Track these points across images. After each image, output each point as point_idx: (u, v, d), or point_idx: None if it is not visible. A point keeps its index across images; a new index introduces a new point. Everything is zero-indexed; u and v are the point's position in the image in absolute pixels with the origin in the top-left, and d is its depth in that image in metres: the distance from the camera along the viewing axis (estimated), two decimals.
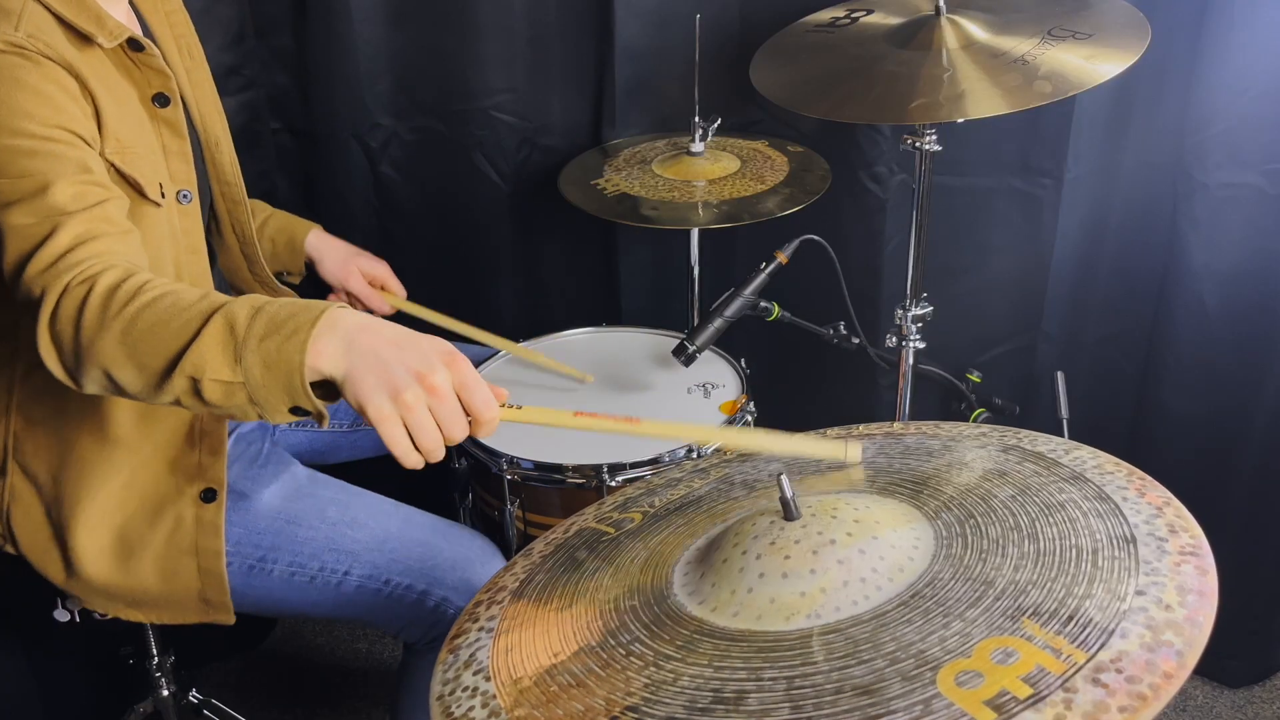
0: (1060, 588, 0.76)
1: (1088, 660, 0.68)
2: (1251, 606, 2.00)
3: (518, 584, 0.97)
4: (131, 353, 1.06)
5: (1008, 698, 0.67)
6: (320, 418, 1.04)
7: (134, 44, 1.28)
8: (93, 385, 1.10)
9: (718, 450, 1.54)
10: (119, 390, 1.09)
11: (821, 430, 1.13)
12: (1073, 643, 0.70)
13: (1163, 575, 0.75)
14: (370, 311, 1.73)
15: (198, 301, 1.06)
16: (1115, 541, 0.80)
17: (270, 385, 1.02)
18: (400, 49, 2.02)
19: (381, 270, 1.75)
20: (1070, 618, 0.72)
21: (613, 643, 0.83)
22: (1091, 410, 2.00)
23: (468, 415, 1.01)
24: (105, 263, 1.10)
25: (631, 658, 0.80)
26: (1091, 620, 0.71)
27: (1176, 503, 0.84)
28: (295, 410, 1.04)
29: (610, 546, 0.99)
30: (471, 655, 0.87)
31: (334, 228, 2.15)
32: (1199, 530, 0.80)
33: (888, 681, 0.70)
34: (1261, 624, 2.03)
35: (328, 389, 1.04)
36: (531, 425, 1.07)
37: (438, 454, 1.01)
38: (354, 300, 1.74)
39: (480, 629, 0.91)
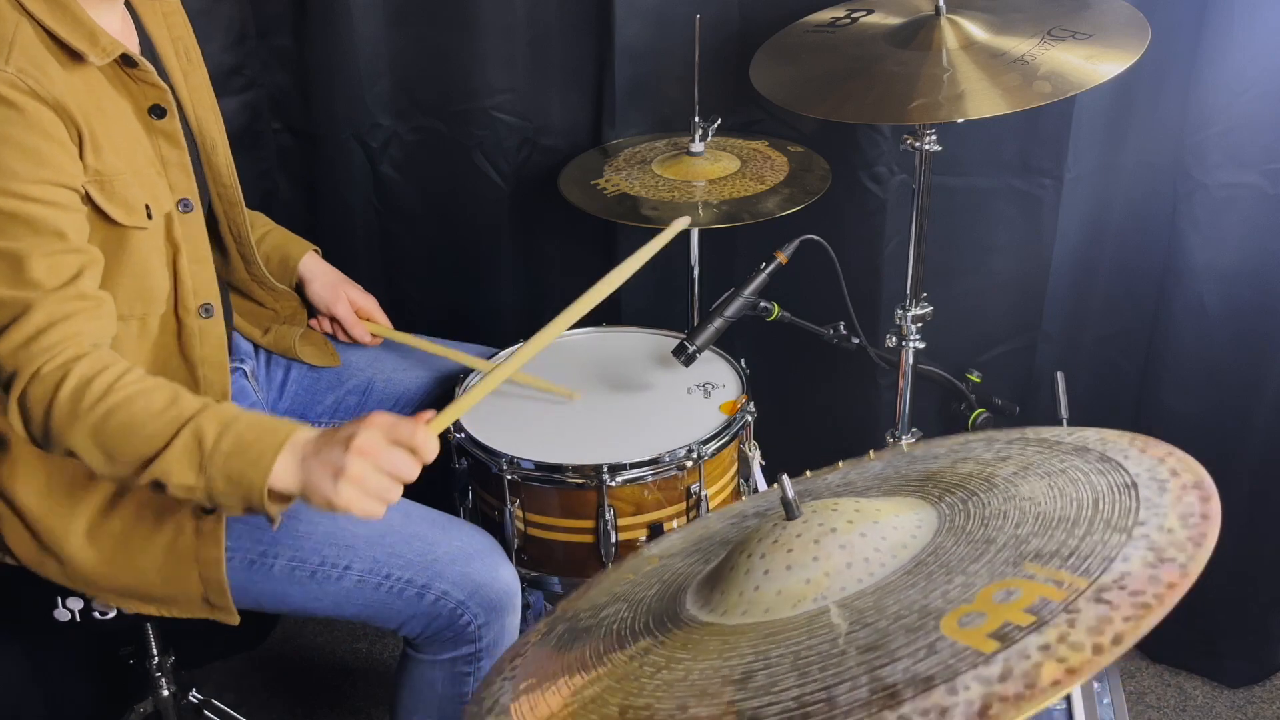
0: (1061, 532, 0.75)
1: (1090, 585, 0.67)
2: (1251, 607, 2.00)
3: (539, 638, 0.97)
4: (102, 446, 1.16)
5: (1010, 628, 0.66)
6: (273, 521, 1.19)
7: (127, 60, 1.28)
8: (58, 454, 1.20)
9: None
10: (84, 464, 1.19)
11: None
12: (1074, 573, 0.69)
13: (1164, 508, 0.74)
14: (352, 340, 1.73)
15: (168, 407, 1.17)
16: (1116, 489, 0.79)
17: (231, 495, 1.16)
18: (400, 49, 2.02)
19: (369, 303, 1.74)
20: (1071, 553, 0.71)
21: (624, 657, 0.83)
22: (1091, 410, 2.00)
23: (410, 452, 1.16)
24: (78, 348, 1.17)
25: (645, 666, 0.80)
26: (1093, 552, 0.71)
27: (1179, 452, 0.82)
28: (249, 511, 1.18)
29: (630, 587, 0.99)
30: (496, 702, 0.87)
31: (334, 228, 2.17)
32: (1201, 469, 0.78)
33: (891, 637, 0.70)
34: (1261, 624, 2.03)
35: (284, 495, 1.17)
36: (461, 415, 1.30)
37: (396, 497, 1.18)
38: (337, 326, 1.72)
39: (504, 679, 0.91)
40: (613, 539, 1.52)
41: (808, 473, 1.11)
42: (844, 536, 0.83)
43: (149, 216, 1.30)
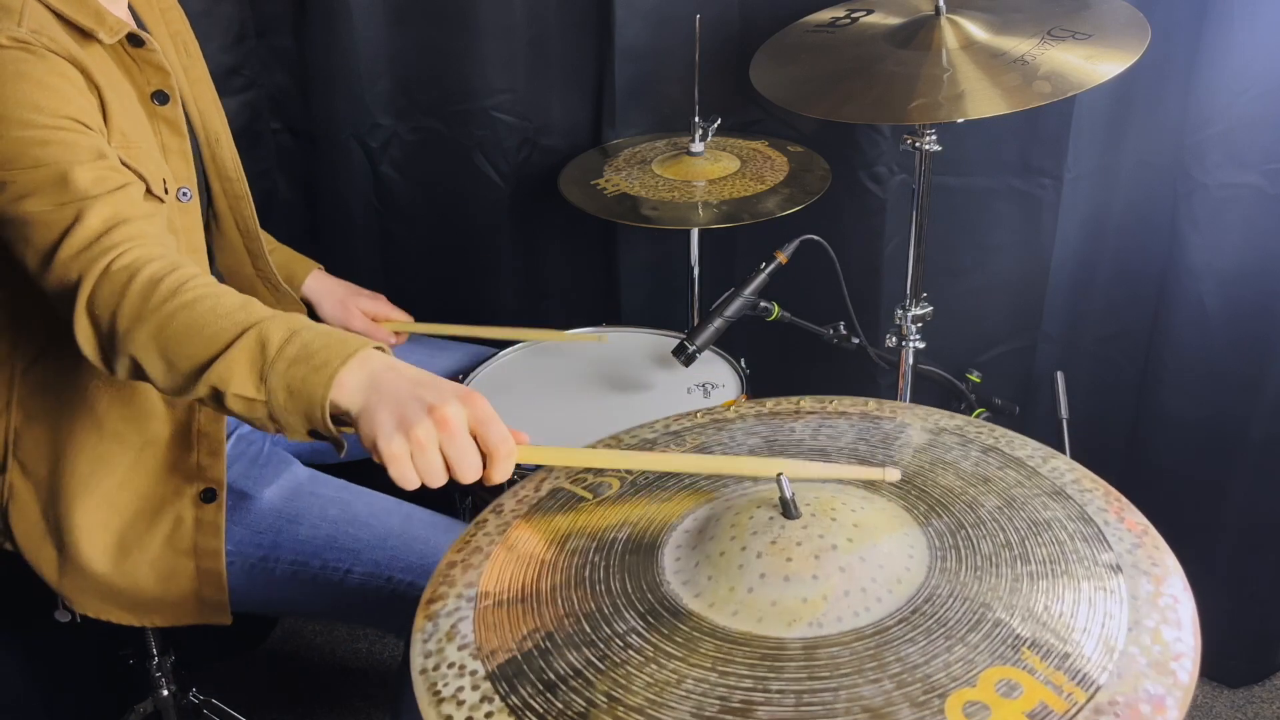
0: (1055, 617, 0.78)
1: (1088, 700, 0.71)
2: (1251, 606, 2.00)
3: (494, 546, 0.96)
4: (163, 350, 1.07)
5: None
6: (339, 446, 1.06)
7: (134, 40, 1.28)
8: (123, 371, 1.11)
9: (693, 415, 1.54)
10: (146, 379, 1.10)
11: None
12: (1072, 680, 0.72)
13: (1149, 612, 0.78)
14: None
15: (236, 310, 1.07)
16: (1102, 569, 0.83)
17: (291, 410, 1.04)
18: (400, 49, 2.02)
19: (381, 306, 1.74)
20: (1068, 654, 0.75)
21: (608, 632, 0.82)
22: (1091, 410, 2.00)
23: (483, 455, 1.00)
24: (145, 250, 1.10)
25: (630, 650, 0.80)
26: (1088, 657, 0.74)
27: (1153, 531, 0.87)
28: (313, 434, 1.05)
29: (589, 515, 0.99)
30: (453, 626, 0.86)
31: (334, 228, 2.17)
32: (1175, 562, 0.83)
33: (896, 706, 0.72)
34: (1261, 624, 2.03)
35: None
36: (549, 464, 1.07)
37: (439, 484, 1.02)
38: None
39: (459, 596, 0.90)
40: None
41: (768, 403, 1.12)
42: (844, 557, 0.83)
43: (166, 191, 1.29)
